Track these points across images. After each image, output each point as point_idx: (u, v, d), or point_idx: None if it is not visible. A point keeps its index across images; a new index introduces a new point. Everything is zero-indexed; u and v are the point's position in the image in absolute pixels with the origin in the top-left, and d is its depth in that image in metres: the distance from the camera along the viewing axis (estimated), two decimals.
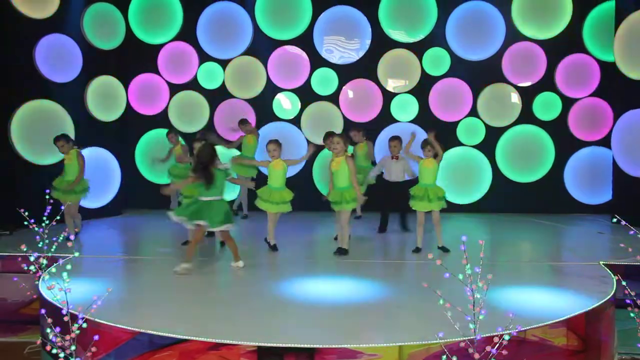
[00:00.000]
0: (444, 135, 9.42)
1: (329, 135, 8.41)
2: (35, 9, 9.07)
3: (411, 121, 10.83)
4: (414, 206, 7.61)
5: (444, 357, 4.02)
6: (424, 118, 10.77)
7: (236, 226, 9.37)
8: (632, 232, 5.46)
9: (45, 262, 5.67)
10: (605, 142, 10.30)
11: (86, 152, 9.59)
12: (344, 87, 10.96)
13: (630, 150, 9.35)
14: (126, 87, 10.79)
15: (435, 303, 4.05)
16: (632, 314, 5.47)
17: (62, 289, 4.33)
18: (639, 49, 9.12)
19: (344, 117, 10.93)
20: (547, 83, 10.63)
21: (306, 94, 10.97)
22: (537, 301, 5.56)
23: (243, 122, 10.18)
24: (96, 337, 4.40)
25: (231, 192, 10.41)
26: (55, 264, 6.32)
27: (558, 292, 6.01)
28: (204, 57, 11.07)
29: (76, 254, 5.14)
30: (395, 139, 8.67)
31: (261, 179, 9.16)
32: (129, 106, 10.86)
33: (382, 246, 8.09)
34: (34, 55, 9.09)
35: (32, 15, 9.04)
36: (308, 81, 10.95)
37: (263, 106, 11.00)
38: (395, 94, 10.90)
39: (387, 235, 8.72)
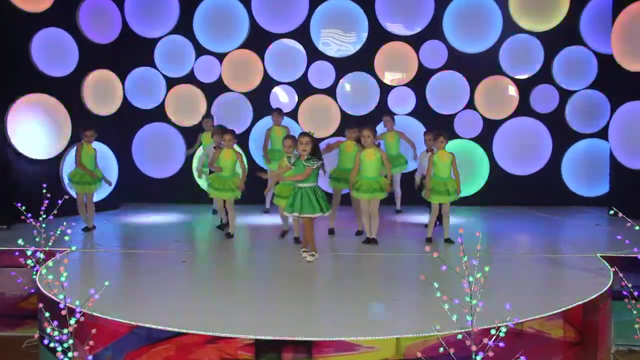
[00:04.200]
0: (441, 128, 9.41)
1: (352, 127, 8.30)
2: (31, 2, 9.03)
3: (408, 114, 10.83)
4: (432, 199, 7.64)
5: (441, 349, 4.03)
6: (422, 111, 10.78)
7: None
8: (629, 224, 5.48)
9: (42, 256, 5.68)
10: (603, 134, 10.31)
11: None
12: (341, 80, 10.95)
13: (627, 142, 9.35)
14: (123, 80, 10.76)
15: (433, 295, 4.06)
16: (628, 306, 5.50)
17: (60, 283, 4.34)
18: (637, 40, 9.11)
19: (341, 110, 10.92)
20: (544, 75, 10.63)
21: (303, 87, 10.96)
22: (534, 293, 5.57)
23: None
24: (94, 331, 4.41)
25: None
26: (52, 258, 6.32)
27: (555, 284, 6.02)
28: (200, 51, 11.04)
29: (73, 248, 5.14)
30: (430, 132, 8.63)
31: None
32: (125, 100, 10.84)
33: (384, 239, 8.08)
34: (30, 49, 9.05)
35: (28, 8, 9.00)
36: (305, 74, 10.94)
37: (260, 99, 10.99)
38: (392, 87, 10.89)
39: (385, 228, 8.71)
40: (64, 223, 5.77)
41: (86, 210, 8.45)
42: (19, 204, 6.05)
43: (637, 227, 5.44)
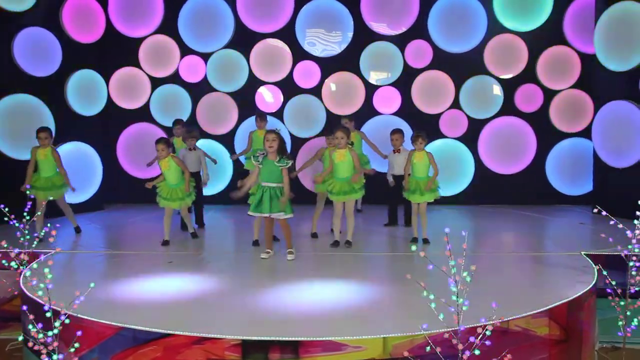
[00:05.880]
0: (426, 127, 9.43)
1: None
2: (13, 1, 8.94)
3: (394, 114, 10.85)
4: (408, 198, 7.74)
5: (428, 348, 4.05)
6: (407, 110, 10.80)
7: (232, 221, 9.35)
8: (612, 222, 5.53)
9: (26, 257, 5.62)
10: (586, 133, 10.39)
11: (67, 147, 9.56)
12: (326, 80, 10.95)
13: (610, 141, 9.44)
14: (107, 80, 10.69)
15: (419, 294, 4.07)
16: (612, 303, 5.55)
17: (44, 285, 4.30)
18: (619, 40, 9.19)
19: (327, 110, 10.92)
20: (528, 75, 10.70)
21: (289, 87, 10.95)
22: (519, 292, 5.61)
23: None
24: (79, 333, 4.38)
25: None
26: (36, 260, 6.26)
27: (540, 282, 6.06)
28: (185, 51, 10.99)
29: (58, 250, 5.09)
30: (397, 132, 8.66)
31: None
32: (110, 100, 10.77)
33: (369, 239, 8.10)
34: (12, 49, 8.97)
35: (10, 7, 8.91)
36: (290, 74, 10.93)
37: (245, 99, 10.96)
38: (377, 87, 10.91)
39: (374, 228, 8.74)
40: (48, 224, 5.72)
41: (43, 218, 8.12)
42: (2, 205, 5.98)
43: (620, 225, 5.49)
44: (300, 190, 9.81)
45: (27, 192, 6.89)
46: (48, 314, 4.22)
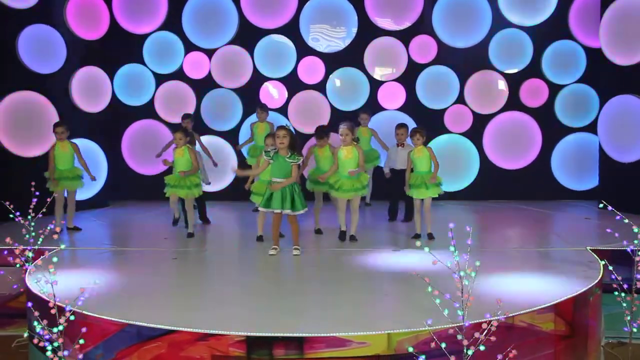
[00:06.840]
0: (431, 122, 9.43)
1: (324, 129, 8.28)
2: None
3: (398, 109, 10.82)
4: (411, 194, 7.69)
5: (433, 344, 4.04)
6: (411, 106, 10.77)
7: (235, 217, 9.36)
8: (618, 217, 5.51)
9: (31, 254, 5.64)
10: (592, 128, 10.35)
11: None
12: (330, 76, 10.93)
13: (616, 136, 9.40)
14: (111, 77, 10.70)
15: (424, 290, 4.06)
16: (618, 298, 5.54)
17: (49, 282, 4.31)
18: (625, 34, 9.14)
19: (331, 106, 10.91)
20: (533, 69, 10.65)
21: (293, 83, 10.93)
22: (524, 287, 5.59)
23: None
24: (84, 330, 4.39)
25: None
26: (41, 257, 6.29)
27: (546, 277, 6.04)
28: (189, 47, 10.99)
29: (62, 246, 5.10)
30: (402, 126, 8.68)
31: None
32: (114, 97, 10.77)
33: (374, 234, 8.09)
34: (17, 46, 8.98)
35: (14, 5, 8.92)
36: (295, 70, 10.91)
37: (250, 96, 10.95)
38: (382, 82, 10.89)
39: (380, 224, 8.73)
40: (53, 221, 5.73)
41: (64, 211, 8.28)
42: (7, 203, 6.00)
43: (626, 220, 5.47)
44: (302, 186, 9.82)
45: (48, 184, 7.05)
46: (53, 311, 4.23)
